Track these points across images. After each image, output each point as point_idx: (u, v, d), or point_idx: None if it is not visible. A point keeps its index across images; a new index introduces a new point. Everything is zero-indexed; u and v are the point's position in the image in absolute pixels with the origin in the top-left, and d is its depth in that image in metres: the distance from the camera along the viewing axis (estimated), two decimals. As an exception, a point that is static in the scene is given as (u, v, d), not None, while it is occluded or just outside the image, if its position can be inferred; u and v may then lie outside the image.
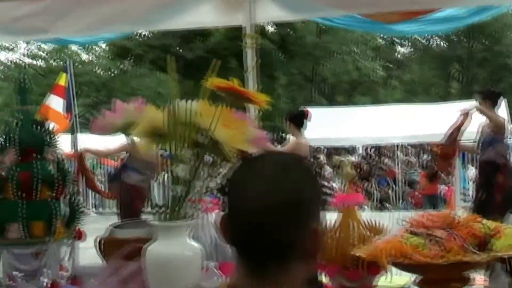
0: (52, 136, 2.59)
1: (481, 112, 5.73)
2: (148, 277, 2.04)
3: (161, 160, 2.41)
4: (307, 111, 5.70)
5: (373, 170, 19.28)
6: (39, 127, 2.58)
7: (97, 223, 4.32)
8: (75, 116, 12.95)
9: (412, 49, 34.72)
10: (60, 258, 2.54)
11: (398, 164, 17.67)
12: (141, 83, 25.36)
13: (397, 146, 17.83)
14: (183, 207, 2.03)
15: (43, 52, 26.09)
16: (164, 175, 2.12)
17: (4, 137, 2.58)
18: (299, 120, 5.47)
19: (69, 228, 2.56)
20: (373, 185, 17.27)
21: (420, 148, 23.47)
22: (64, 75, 12.57)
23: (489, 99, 6.11)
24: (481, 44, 31.30)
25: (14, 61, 25.98)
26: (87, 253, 2.75)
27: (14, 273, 2.49)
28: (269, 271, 1.03)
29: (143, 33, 22.06)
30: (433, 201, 13.32)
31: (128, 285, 2.21)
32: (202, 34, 23.85)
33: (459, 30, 30.98)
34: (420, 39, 33.84)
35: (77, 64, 25.46)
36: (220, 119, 1.95)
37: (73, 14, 3.32)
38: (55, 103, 12.06)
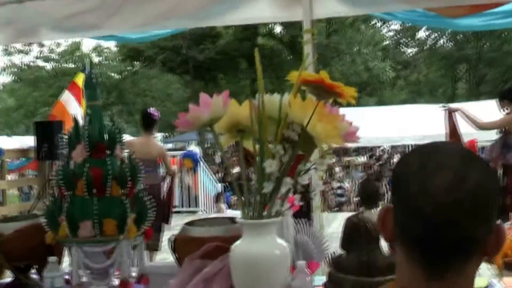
0: (120, 132, 2.56)
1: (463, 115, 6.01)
2: (234, 276, 2.00)
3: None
4: None
5: (384, 171, 19.25)
6: (109, 123, 2.54)
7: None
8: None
9: (419, 49, 34.61)
10: (131, 257, 2.50)
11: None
12: (151, 85, 25.41)
13: (408, 146, 17.79)
14: (271, 205, 1.99)
15: (55, 55, 26.22)
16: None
17: (73, 132, 2.55)
18: None
19: (139, 226, 2.52)
20: (384, 186, 17.24)
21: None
22: (81, 75, 12.57)
23: (507, 99, 6.21)
24: (490, 44, 31.22)
25: (27, 63, 26.11)
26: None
27: (85, 271, 2.45)
28: (450, 270, 0.97)
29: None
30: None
31: (212, 284, 2.18)
32: (211, 35, 23.84)
33: (467, 31, 31.04)
34: (427, 39, 33.86)
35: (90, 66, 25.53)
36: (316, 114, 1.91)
37: (127, 10, 3.28)
38: (68, 100, 12.08)
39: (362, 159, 22.76)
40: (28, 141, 16.50)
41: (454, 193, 0.93)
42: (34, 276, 2.74)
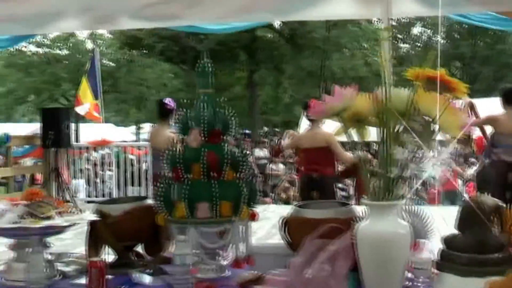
0: (232, 118, 2.67)
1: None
2: (360, 254, 2.14)
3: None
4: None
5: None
6: (221, 110, 2.65)
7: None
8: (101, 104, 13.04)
9: (413, 46, 34.91)
10: (243, 238, 2.62)
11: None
12: (147, 74, 25.38)
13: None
14: (396, 188, 2.14)
15: (48, 41, 25.99)
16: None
17: (185, 118, 2.66)
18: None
19: (249, 208, 2.64)
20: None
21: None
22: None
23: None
24: (484, 42, 31.61)
25: (19, 49, 25.87)
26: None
27: (199, 251, 2.56)
28: None
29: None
30: (452, 197, 13.48)
31: (336, 262, 2.32)
32: (210, 26, 23.78)
33: (463, 28, 31.46)
34: (422, 35, 34.21)
35: (81, 54, 25.39)
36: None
37: (208, 2, 3.37)
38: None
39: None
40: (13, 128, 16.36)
41: None
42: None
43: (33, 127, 15.52)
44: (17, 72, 25.84)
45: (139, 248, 2.94)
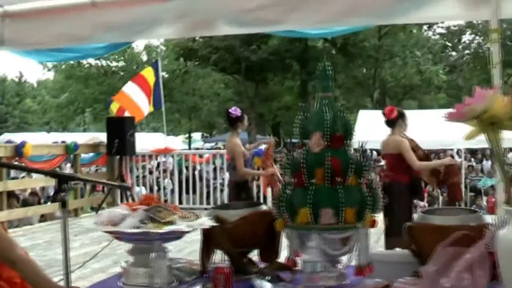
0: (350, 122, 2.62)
1: None
2: (502, 264, 2.05)
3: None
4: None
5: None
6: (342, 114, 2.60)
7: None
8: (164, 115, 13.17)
9: (461, 54, 34.16)
10: (367, 244, 2.55)
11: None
12: (200, 84, 25.63)
13: (457, 151, 17.54)
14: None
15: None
16: None
17: (304, 122, 2.62)
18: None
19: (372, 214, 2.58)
20: (435, 190, 17.02)
21: (481, 153, 23.12)
22: (150, 69, 12.83)
23: None
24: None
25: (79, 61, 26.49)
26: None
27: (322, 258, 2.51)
28: None
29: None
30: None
31: (475, 271, 2.22)
32: (261, 35, 23.94)
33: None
34: (472, 43, 33.52)
35: (136, 65, 25.80)
36: None
37: (307, 7, 3.33)
38: (133, 91, 12.32)
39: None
40: (73, 137, 16.58)
41: None
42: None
43: (89, 136, 15.81)
44: (76, 84, 26.49)
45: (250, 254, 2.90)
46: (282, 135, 31.98)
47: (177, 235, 2.55)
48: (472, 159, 21.85)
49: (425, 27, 29.07)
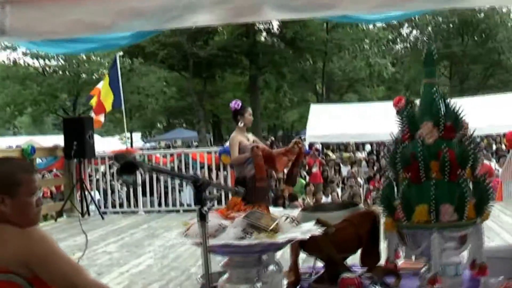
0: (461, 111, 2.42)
1: None
2: None
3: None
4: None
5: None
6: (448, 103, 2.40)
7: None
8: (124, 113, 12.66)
9: (404, 46, 34.75)
10: (483, 240, 2.36)
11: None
12: (147, 82, 24.98)
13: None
14: None
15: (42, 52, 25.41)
16: None
17: (410, 111, 2.41)
18: None
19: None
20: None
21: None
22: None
23: None
24: (474, 40, 31.68)
25: (14, 60, 25.35)
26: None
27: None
28: None
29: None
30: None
31: None
32: (208, 32, 23.61)
33: (452, 27, 31.45)
34: (409, 36, 34.21)
35: (78, 62, 24.87)
36: None
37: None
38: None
39: (362, 155, 22.77)
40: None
41: None
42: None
43: (22, 140, 14.89)
44: (14, 85, 25.19)
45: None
46: (222, 132, 31.63)
47: (280, 246, 2.27)
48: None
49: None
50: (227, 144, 13.55)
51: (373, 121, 17.87)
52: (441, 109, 2.36)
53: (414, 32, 35.03)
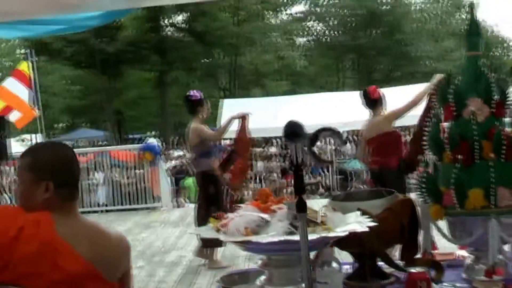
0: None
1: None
2: None
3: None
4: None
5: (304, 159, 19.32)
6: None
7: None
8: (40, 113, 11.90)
9: (311, 39, 35.01)
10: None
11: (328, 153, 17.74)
12: (52, 80, 23.89)
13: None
14: None
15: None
16: None
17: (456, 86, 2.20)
18: None
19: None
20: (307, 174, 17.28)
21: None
22: (25, 63, 11.53)
23: None
24: (381, 32, 32.45)
25: None
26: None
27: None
28: None
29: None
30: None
31: None
32: (116, 27, 22.85)
33: (357, 20, 32.13)
34: (318, 29, 34.59)
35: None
36: None
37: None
38: (17, 89, 11.10)
39: (274, 149, 22.81)
40: None
41: None
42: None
43: None
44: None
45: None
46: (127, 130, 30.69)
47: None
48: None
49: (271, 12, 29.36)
50: (150, 141, 13.07)
51: (283, 115, 17.85)
52: (490, 84, 2.16)
53: (320, 25, 35.38)
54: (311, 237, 1.80)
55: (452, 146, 2.15)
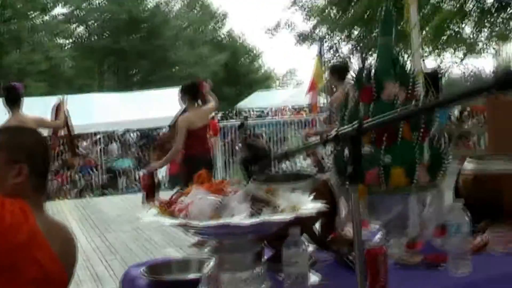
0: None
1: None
2: None
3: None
4: None
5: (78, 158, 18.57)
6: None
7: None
8: None
9: (74, 41, 33.74)
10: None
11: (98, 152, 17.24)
12: None
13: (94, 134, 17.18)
14: None
15: None
16: None
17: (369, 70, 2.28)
18: None
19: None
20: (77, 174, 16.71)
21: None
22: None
23: (337, 73, 6.83)
24: (141, 37, 32.63)
25: None
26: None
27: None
28: None
29: None
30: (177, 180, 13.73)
31: None
32: None
33: (119, 24, 31.71)
34: (81, 32, 33.49)
35: None
36: None
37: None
38: None
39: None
40: None
41: None
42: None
43: None
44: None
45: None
46: None
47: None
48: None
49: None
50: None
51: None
52: (405, 68, 2.29)
53: (81, 28, 34.21)
54: (286, 216, 1.73)
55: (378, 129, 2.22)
